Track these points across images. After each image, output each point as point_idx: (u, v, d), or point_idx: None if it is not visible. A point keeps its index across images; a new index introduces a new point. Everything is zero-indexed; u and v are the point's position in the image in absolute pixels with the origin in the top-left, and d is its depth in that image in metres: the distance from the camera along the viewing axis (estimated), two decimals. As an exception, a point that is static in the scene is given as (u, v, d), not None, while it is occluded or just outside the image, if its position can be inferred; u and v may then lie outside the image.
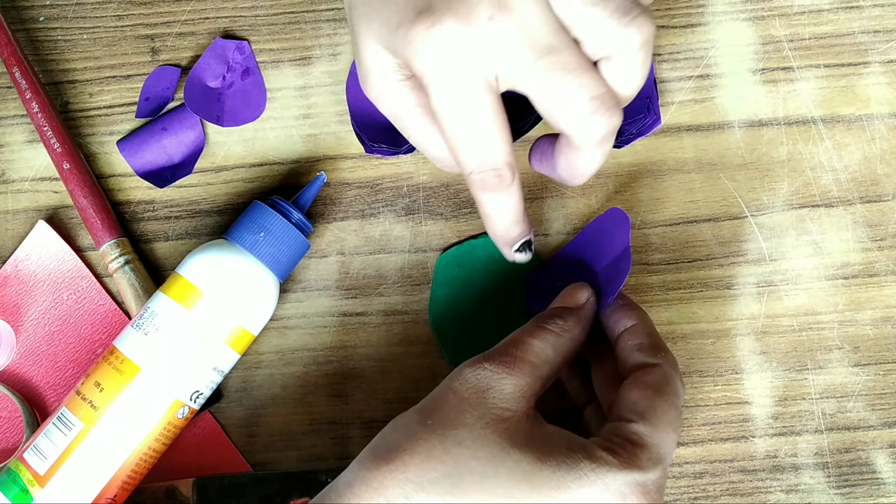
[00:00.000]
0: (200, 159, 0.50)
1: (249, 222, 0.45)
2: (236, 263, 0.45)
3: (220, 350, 0.45)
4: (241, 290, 0.44)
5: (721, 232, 0.50)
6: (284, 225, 0.45)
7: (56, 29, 0.51)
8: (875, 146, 0.50)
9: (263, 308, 0.46)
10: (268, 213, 0.45)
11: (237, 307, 0.44)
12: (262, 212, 0.45)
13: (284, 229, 0.45)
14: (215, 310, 0.44)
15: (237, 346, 0.45)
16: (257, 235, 0.45)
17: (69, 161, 0.48)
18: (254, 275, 0.45)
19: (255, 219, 0.45)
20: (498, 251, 0.49)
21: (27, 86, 0.49)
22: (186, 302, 0.44)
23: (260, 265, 0.45)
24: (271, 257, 0.45)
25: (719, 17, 0.51)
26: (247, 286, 0.45)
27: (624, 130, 0.49)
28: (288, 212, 0.46)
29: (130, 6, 0.51)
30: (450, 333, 0.49)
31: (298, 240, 0.46)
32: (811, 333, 0.49)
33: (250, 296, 0.45)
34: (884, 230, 0.49)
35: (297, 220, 0.46)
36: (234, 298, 0.44)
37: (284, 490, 0.47)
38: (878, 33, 0.51)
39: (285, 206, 0.46)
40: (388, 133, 0.49)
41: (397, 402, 0.49)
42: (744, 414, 0.48)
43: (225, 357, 0.45)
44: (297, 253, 0.46)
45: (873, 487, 0.48)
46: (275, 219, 0.45)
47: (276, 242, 0.45)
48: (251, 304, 0.45)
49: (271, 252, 0.45)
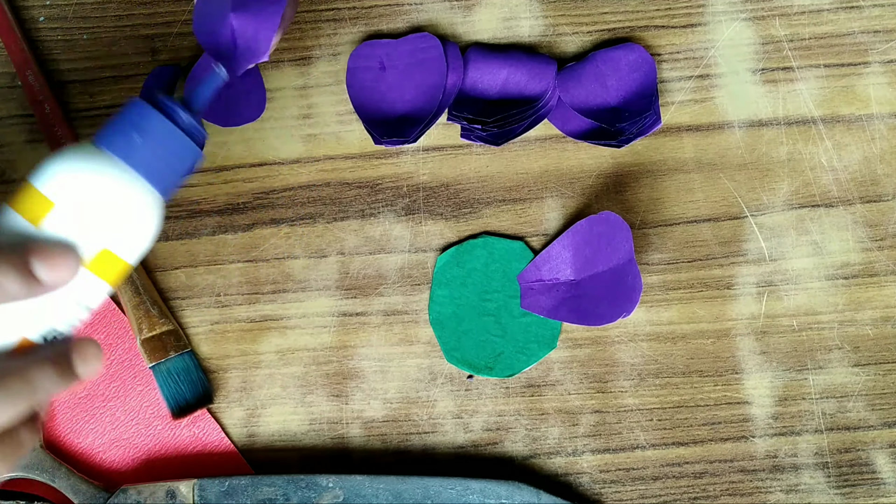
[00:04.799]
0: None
1: (123, 123, 0.36)
2: (101, 172, 0.35)
3: (81, 278, 0.35)
4: (107, 204, 0.35)
5: (721, 232, 0.50)
6: (168, 128, 0.36)
7: (56, 29, 0.51)
8: (875, 146, 0.50)
9: (138, 229, 0.36)
10: (147, 113, 0.36)
11: (100, 225, 0.35)
12: (140, 111, 0.36)
13: (168, 133, 0.36)
14: (70, 227, 0.34)
15: (106, 275, 0.36)
16: (131, 137, 0.35)
17: None
18: (125, 186, 0.35)
19: (130, 119, 0.36)
20: (498, 251, 0.49)
21: (40, 88, 0.49)
22: (32, 215, 0.34)
23: (134, 175, 0.36)
24: (149, 167, 0.36)
25: (719, 17, 0.51)
26: (114, 200, 0.35)
27: (624, 130, 0.49)
28: (174, 112, 0.37)
29: (130, 6, 0.51)
30: (450, 333, 0.49)
31: (186, 147, 0.37)
32: (811, 333, 0.49)
33: (119, 212, 0.35)
34: (884, 230, 0.49)
35: (187, 125, 0.37)
36: (95, 214, 0.35)
37: (284, 491, 0.47)
38: (878, 33, 0.51)
39: (171, 106, 0.37)
40: (395, 125, 0.49)
41: (397, 401, 0.49)
42: (744, 414, 0.48)
43: (90, 287, 0.36)
44: (183, 164, 0.37)
45: (873, 487, 0.48)
46: (156, 120, 0.36)
47: (156, 148, 0.36)
48: (121, 222, 0.35)
49: (149, 160, 0.36)
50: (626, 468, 0.48)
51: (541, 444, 0.48)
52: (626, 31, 0.51)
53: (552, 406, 0.48)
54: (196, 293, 0.49)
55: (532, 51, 0.51)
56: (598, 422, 0.48)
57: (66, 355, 0.34)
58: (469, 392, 0.49)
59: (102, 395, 0.49)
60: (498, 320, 0.49)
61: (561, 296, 0.48)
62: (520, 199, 0.50)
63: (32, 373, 0.33)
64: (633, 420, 0.48)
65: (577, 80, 0.50)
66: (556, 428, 0.48)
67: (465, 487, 0.46)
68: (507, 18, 0.51)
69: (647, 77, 0.50)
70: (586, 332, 0.49)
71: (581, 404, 0.48)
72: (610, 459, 0.48)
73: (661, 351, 0.49)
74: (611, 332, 0.49)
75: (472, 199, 0.50)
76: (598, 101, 0.50)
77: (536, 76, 0.50)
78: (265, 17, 0.44)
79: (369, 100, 0.50)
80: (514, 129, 0.50)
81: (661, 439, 0.48)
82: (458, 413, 0.48)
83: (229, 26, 0.44)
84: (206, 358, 0.49)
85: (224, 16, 0.45)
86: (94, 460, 0.48)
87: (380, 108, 0.50)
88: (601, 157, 0.50)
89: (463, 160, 0.50)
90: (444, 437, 0.48)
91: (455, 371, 0.49)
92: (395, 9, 0.51)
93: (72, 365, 0.34)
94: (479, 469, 0.48)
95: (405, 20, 0.51)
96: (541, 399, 0.48)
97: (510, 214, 0.50)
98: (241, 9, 0.44)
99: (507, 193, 0.50)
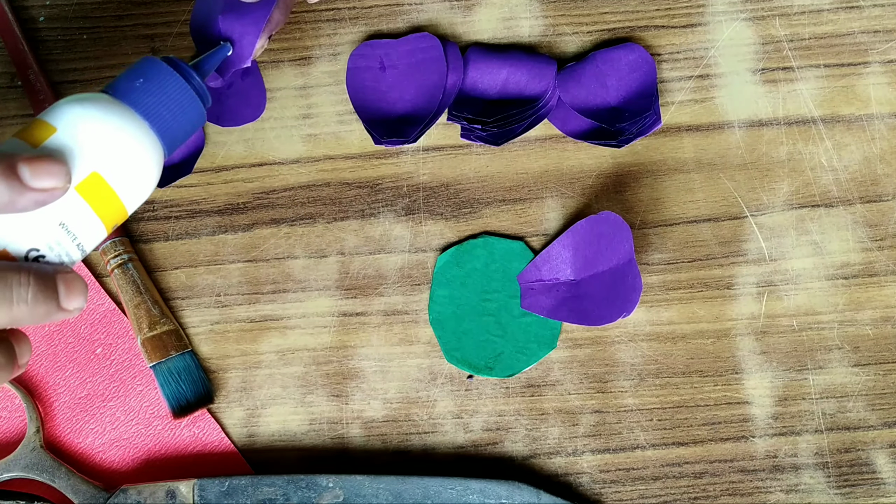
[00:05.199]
0: (200, 159, 0.50)
1: (132, 73, 0.37)
2: (106, 109, 0.36)
3: (70, 199, 0.35)
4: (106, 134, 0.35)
5: (721, 232, 0.50)
6: (176, 81, 0.37)
7: (56, 29, 0.51)
8: (875, 146, 0.50)
9: (135, 169, 0.36)
10: (157, 66, 0.37)
11: (95, 152, 0.35)
12: (150, 64, 0.38)
13: (175, 85, 0.37)
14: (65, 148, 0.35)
15: (94, 203, 0.36)
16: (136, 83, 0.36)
17: None
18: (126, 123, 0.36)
19: (140, 69, 0.37)
20: (498, 251, 0.49)
21: (41, 87, 0.49)
22: (33, 139, 0.35)
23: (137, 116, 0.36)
24: (153, 112, 0.37)
25: (719, 17, 0.51)
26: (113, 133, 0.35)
27: (624, 130, 0.49)
28: (183, 70, 0.38)
29: (130, 6, 0.51)
30: (450, 333, 0.49)
31: (193, 104, 0.38)
32: (811, 333, 0.49)
33: (117, 144, 0.35)
34: (884, 230, 0.49)
35: (197, 85, 0.39)
36: (92, 141, 0.35)
37: (284, 491, 0.47)
38: (878, 33, 0.51)
39: (184, 67, 0.39)
40: (395, 125, 0.49)
41: (397, 401, 0.49)
42: (744, 414, 0.48)
43: (75, 210, 0.35)
44: (188, 119, 0.38)
45: (873, 487, 0.48)
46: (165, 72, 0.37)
47: (162, 97, 0.37)
48: (118, 154, 0.35)
49: (154, 106, 0.37)
50: (626, 468, 0.48)
51: (541, 444, 0.48)
52: (626, 31, 0.51)
53: (552, 406, 0.48)
54: (196, 293, 0.49)
55: (532, 51, 0.51)
56: (598, 422, 0.48)
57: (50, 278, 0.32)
58: (469, 392, 0.49)
59: (102, 395, 0.49)
60: (498, 320, 0.49)
61: (561, 296, 0.48)
62: (520, 199, 0.50)
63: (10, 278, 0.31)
64: (633, 420, 0.48)
65: (577, 80, 0.50)
66: (556, 428, 0.48)
67: (465, 487, 0.46)
68: (507, 18, 0.51)
69: (647, 77, 0.50)
70: (586, 332, 0.49)
71: (581, 404, 0.48)
72: (610, 459, 0.48)
73: (661, 351, 0.49)
74: (611, 332, 0.49)
75: (472, 199, 0.50)
76: (598, 101, 0.50)
77: (536, 76, 0.50)
78: (250, 21, 0.44)
79: (369, 100, 0.50)
80: (514, 129, 0.50)
81: (661, 439, 0.48)
82: (458, 413, 0.48)
83: (217, 29, 0.44)
84: (206, 358, 0.49)
85: (214, 19, 0.45)
86: (94, 460, 0.48)
87: (380, 108, 0.50)
88: (601, 157, 0.50)
89: (463, 160, 0.50)
90: (444, 437, 0.48)
91: (455, 371, 0.49)
92: (395, 9, 0.51)
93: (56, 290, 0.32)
94: (479, 469, 0.48)
95: (405, 20, 0.51)
96: (541, 399, 0.48)
97: (510, 214, 0.50)
98: (228, 12, 0.44)
99: (507, 193, 0.50)
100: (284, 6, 0.46)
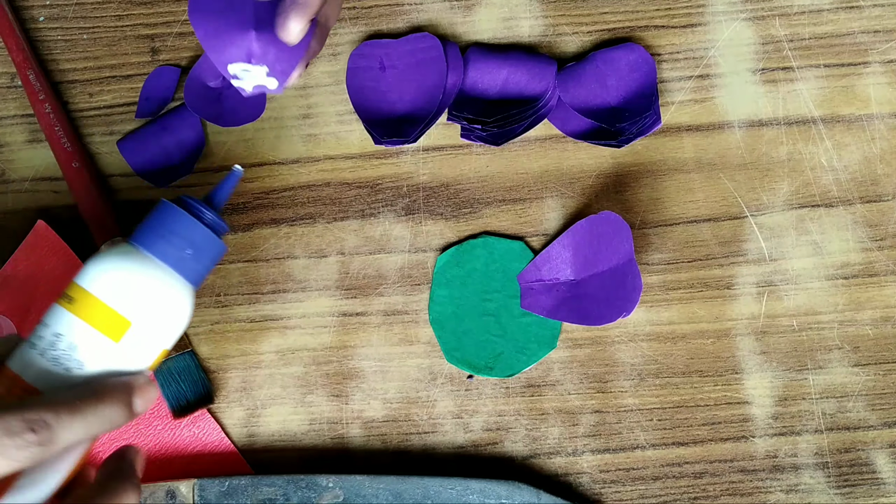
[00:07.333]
0: (200, 159, 0.50)
1: (160, 227, 0.39)
2: (159, 283, 0.38)
3: None
4: (168, 313, 0.38)
5: (721, 232, 0.50)
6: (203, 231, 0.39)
7: (56, 29, 0.51)
8: (875, 146, 0.50)
9: (184, 325, 0.40)
10: (180, 217, 0.39)
11: (164, 333, 0.39)
12: (172, 214, 0.39)
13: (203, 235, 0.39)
14: (144, 340, 0.38)
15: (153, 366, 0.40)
16: (184, 252, 0.39)
17: (78, 160, 0.49)
18: (177, 293, 0.39)
19: (165, 223, 0.39)
20: (498, 251, 0.49)
21: (41, 87, 0.49)
22: (113, 332, 0.37)
23: (180, 280, 0.39)
24: (193, 270, 0.39)
25: (719, 17, 0.51)
26: (172, 308, 0.39)
27: (624, 130, 0.49)
28: (200, 212, 0.39)
29: (130, 6, 0.51)
30: (450, 333, 0.49)
31: (216, 246, 0.40)
32: (811, 333, 0.49)
33: (175, 317, 0.39)
34: (884, 230, 0.49)
35: (211, 221, 0.40)
36: (162, 325, 0.38)
37: (284, 491, 0.47)
38: (878, 33, 0.51)
39: (198, 207, 0.39)
40: (395, 125, 0.49)
41: (397, 401, 0.49)
42: (744, 414, 0.48)
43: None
44: (214, 260, 0.40)
45: (873, 487, 0.48)
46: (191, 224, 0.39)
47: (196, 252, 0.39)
48: (175, 325, 0.39)
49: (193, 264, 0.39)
50: (626, 468, 0.48)
51: (541, 444, 0.48)
52: (626, 31, 0.51)
53: (552, 406, 0.48)
54: (196, 293, 0.49)
55: (532, 51, 0.51)
56: (598, 422, 0.48)
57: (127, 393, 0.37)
58: (469, 392, 0.49)
59: (102, 395, 0.49)
60: (498, 320, 0.49)
61: (561, 296, 0.48)
62: (520, 199, 0.50)
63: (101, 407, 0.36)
64: (633, 420, 0.48)
65: (577, 80, 0.50)
66: (556, 428, 0.48)
67: (465, 487, 0.46)
68: (507, 18, 0.51)
69: (647, 77, 0.50)
70: (586, 332, 0.49)
71: (581, 404, 0.48)
72: (610, 459, 0.48)
73: (661, 351, 0.49)
74: (611, 332, 0.49)
75: (472, 199, 0.50)
76: (598, 101, 0.50)
77: (536, 76, 0.50)
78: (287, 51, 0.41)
79: (369, 100, 0.50)
80: (514, 129, 0.50)
81: (661, 439, 0.48)
82: (458, 413, 0.48)
83: (247, 46, 0.41)
84: (206, 358, 0.49)
85: (243, 29, 0.41)
86: (94, 460, 0.48)
87: (380, 108, 0.50)
88: (601, 157, 0.50)
89: (463, 160, 0.50)
90: (444, 437, 0.48)
91: (455, 371, 0.49)
92: (395, 9, 0.51)
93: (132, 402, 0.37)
94: (479, 469, 0.48)
95: (405, 20, 0.51)
96: (541, 399, 0.48)
97: (510, 214, 0.50)
98: (264, 28, 0.40)
99: (507, 193, 0.50)
100: (321, 35, 0.44)
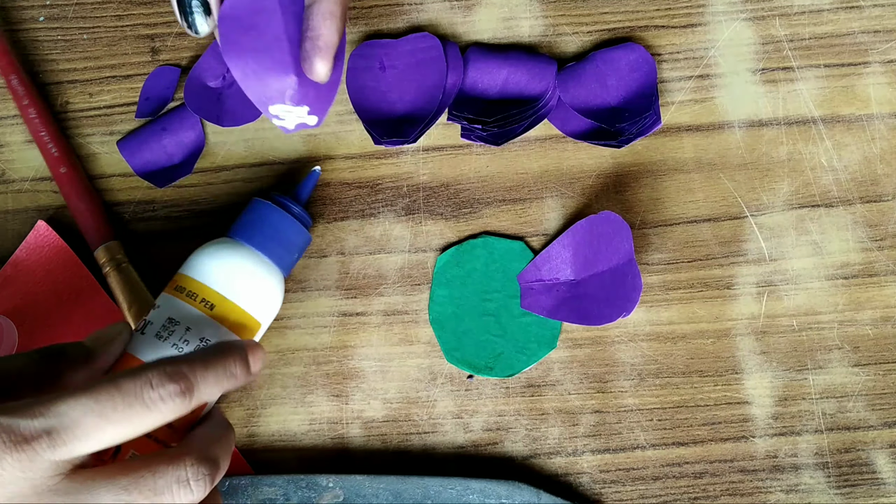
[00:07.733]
0: (200, 159, 0.50)
1: (257, 220, 0.45)
2: (265, 274, 0.44)
3: None
4: (276, 305, 0.44)
5: (721, 232, 0.50)
6: (290, 221, 0.45)
7: (56, 29, 0.51)
8: (875, 146, 0.50)
9: (277, 310, 0.45)
10: (271, 210, 0.45)
11: (269, 320, 0.45)
12: (265, 209, 0.45)
13: (290, 225, 0.45)
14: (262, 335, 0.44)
15: None
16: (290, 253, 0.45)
17: (65, 165, 0.49)
18: (275, 280, 0.44)
19: (261, 216, 0.45)
20: (498, 251, 0.49)
21: (24, 92, 0.49)
22: (247, 334, 0.43)
23: (274, 267, 0.45)
24: (281, 258, 0.45)
25: (719, 17, 0.51)
26: (273, 294, 0.44)
27: (624, 130, 0.49)
28: (289, 206, 0.46)
29: (130, 6, 0.51)
30: (450, 333, 0.49)
31: (303, 235, 0.46)
32: (811, 333, 0.49)
33: (274, 303, 0.44)
34: (884, 230, 0.49)
35: (298, 214, 0.46)
36: (271, 317, 0.44)
37: (284, 491, 0.47)
38: (878, 33, 0.51)
39: (286, 202, 0.46)
40: (395, 125, 0.49)
41: (397, 401, 0.49)
42: (744, 414, 0.48)
43: None
44: (301, 248, 0.46)
45: (873, 487, 0.48)
46: (280, 216, 0.45)
47: (283, 240, 0.45)
48: (273, 311, 0.45)
49: (281, 252, 0.45)
50: (626, 468, 0.48)
51: (541, 444, 0.48)
52: (626, 31, 0.51)
53: (552, 406, 0.48)
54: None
55: (532, 51, 0.51)
56: (598, 422, 0.48)
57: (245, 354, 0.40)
58: (469, 392, 0.49)
59: (102, 395, 0.48)
60: (498, 320, 0.49)
61: (561, 296, 0.48)
62: (520, 199, 0.50)
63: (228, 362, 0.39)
64: (633, 420, 0.48)
65: (577, 80, 0.50)
66: (556, 428, 0.48)
67: (465, 487, 0.46)
68: (507, 18, 0.51)
69: (647, 77, 0.50)
70: (586, 332, 0.49)
71: (581, 404, 0.48)
72: (610, 459, 0.48)
73: (661, 351, 0.49)
74: (611, 332, 0.49)
75: (472, 199, 0.50)
76: (598, 101, 0.50)
77: (536, 76, 0.50)
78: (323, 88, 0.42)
79: (369, 100, 0.50)
80: (514, 129, 0.50)
81: (661, 439, 0.48)
82: (458, 413, 0.48)
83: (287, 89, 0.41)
84: (206, 358, 0.49)
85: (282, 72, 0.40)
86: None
87: (380, 108, 0.50)
88: (601, 157, 0.50)
89: (463, 160, 0.50)
90: (444, 437, 0.48)
91: (455, 371, 0.49)
92: (395, 9, 0.51)
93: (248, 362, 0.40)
94: (479, 469, 0.48)
95: (405, 20, 0.51)
96: (541, 399, 0.48)
97: (510, 214, 0.50)
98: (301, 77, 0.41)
99: (507, 193, 0.50)
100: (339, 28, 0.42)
